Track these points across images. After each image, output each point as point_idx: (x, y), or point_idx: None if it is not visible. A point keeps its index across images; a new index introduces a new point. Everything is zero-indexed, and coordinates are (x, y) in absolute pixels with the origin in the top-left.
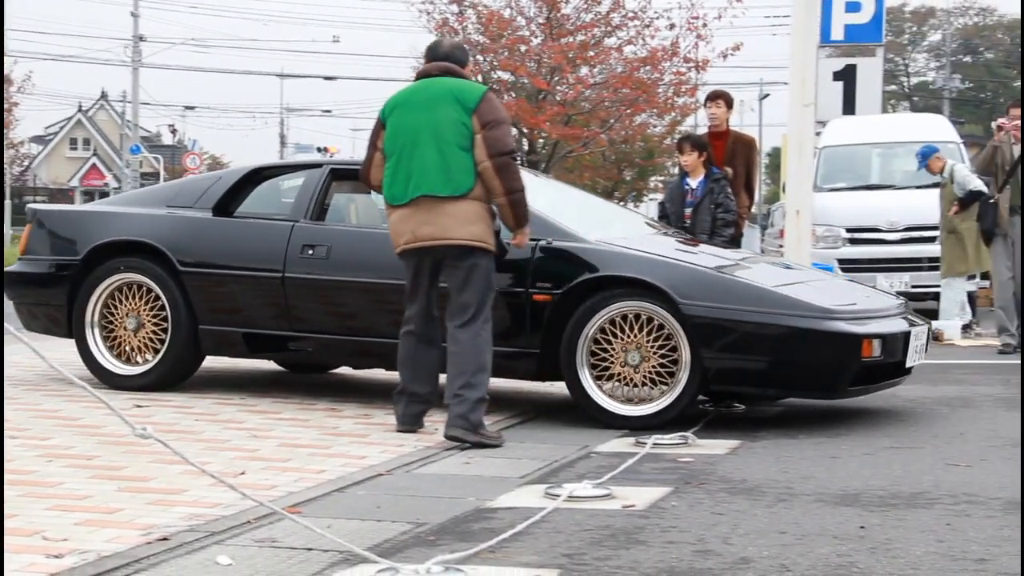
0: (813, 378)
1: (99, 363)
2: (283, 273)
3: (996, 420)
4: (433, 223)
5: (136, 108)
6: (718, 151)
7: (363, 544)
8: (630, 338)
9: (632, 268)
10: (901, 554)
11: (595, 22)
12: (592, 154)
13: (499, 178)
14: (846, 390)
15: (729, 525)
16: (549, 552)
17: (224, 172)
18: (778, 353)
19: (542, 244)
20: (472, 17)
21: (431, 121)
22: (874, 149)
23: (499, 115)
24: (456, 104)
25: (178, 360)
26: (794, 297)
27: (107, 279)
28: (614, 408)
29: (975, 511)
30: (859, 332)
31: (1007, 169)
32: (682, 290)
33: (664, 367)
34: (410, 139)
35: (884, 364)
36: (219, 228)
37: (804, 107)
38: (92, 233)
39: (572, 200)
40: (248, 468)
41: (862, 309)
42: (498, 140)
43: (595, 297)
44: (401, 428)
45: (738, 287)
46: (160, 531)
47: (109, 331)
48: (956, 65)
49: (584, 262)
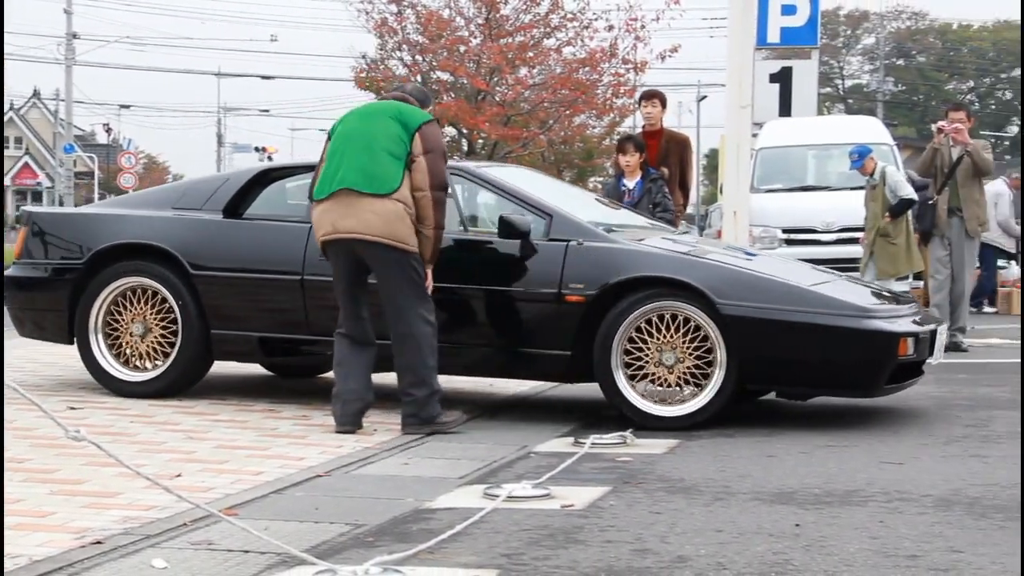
0: (851, 377)
1: (104, 370)
2: (302, 276)
3: (928, 418)
4: (354, 216)
5: (70, 106)
6: (652, 150)
7: (301, 546)
8: (665, 339)
9: (668, 268)
10: (835, 551)
11: (534, 23)
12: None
13: (435, 211)
14: (882, 388)
15: (667, 524)
16: (488, 552)
17: (231, 173)
18: (817, 352)
19: (572, 245)
20: (411, 17)
21: (367, 129)
22: (810, 151)
23: (441, 144)
24: (396, 121)
25: (188, 365)
26: (832, 296)
27: (112, 283)
28: (650, 409)
29: (907, 508)
30: (897, 331)
31: (946, 171)
32: (720, 290)
33: (699, 368)
34: (343, 144)
35: (910, 363)
36: (233, 231)
37: (741, 109)
38: (95, 236)
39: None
40: (184, 470)
41: (892, 308)
42: (440, 172)
43: (630, 298)
44: (340, 429)
45: (777, 287)
46: (94, 534)
47: (114, 337)
48: (889, 68)
49: (618, 263)
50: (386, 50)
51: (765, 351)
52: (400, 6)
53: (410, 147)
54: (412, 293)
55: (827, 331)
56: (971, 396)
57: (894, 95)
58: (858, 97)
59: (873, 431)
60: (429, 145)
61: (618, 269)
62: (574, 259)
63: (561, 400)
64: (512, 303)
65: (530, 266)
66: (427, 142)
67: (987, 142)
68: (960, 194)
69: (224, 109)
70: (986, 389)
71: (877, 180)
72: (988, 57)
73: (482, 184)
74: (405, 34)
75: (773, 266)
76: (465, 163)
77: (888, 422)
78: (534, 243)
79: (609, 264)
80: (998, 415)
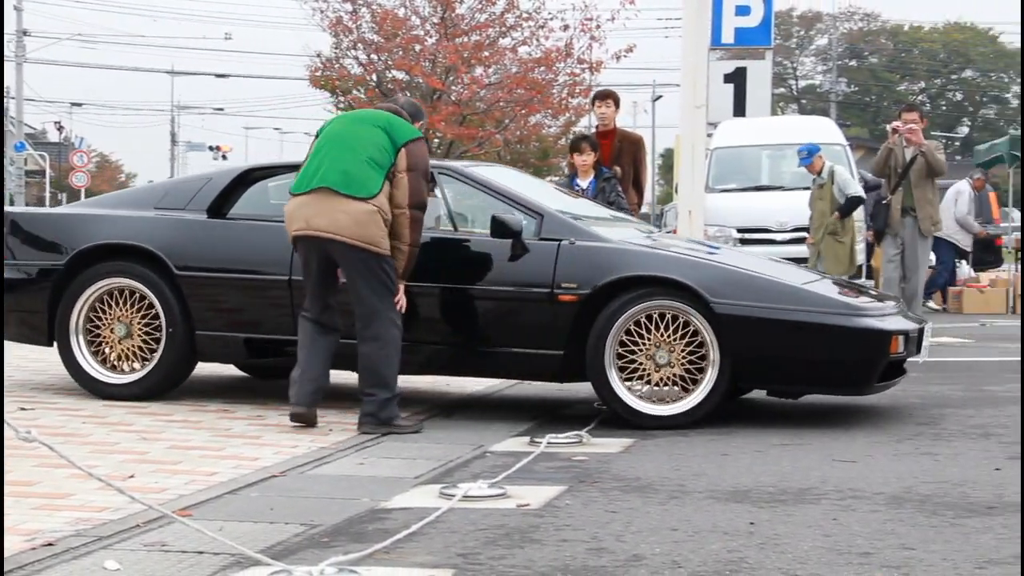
0: (844, 374)
1: (85, 372)
2: (290, 276)
3: (880, 417)
4: (328, 216)
5: (20, 104)
6: (605, 150)
7: (255, 546)
8: (658, 338)
9: (661, 267)
10: (789, 549)
11: (489, 22)
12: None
13: (412, 229)
14: (874, 386)
15: (622, 523)
16: (444, 552)
17: (214, 173)
18: (810, 351)
19: (565, 244)
20: (366, 16)
21: (354, 133)
22: (764, 151)
23: (425, 163)
24: (384, 132)
25: (172, 367)
26: (824, 294)
27: (93, 284)
28: (645, 408)
29: (860, 506)
30: (888, 328)
31: (900, 171)
32: (714, 289)
33: (692, 363)
34: (328, 143)
35: (897, 360)
36: (218, 231)
37: (696, 109)
38: (75, 236)
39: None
40: (137, 471)
41: (881, 306)
42: (420, 191)
43: (623, 297)
44: (294, 410)
45: (770, 285)
46: (45, 536)
47: (95, 339)
48: (842, 69)
49: (611, 262)
50: (341, 49)
51: (758, 350)
52: (355, 4)
53: (394, 160)
54: (381, 295)
55: (820, 329)
56: (922, 394)
57: (847, 96)
58: (811, 97)
59: (826, 429)
60: (413, 163)
61: (611, 268)
62: (566, 258)
63: (517, 399)
64: (504, 303)
65: (522, 266)
66: (412, 159)
67: (939, 143)
68: (914, 194)
69: (178, 107)
70: (937, 387)
71: (825, 179)
72: (939, 58)
73: (471, 184)
74: (360, 33)
75: (764, 265)
76: (453, 163)
77: (841, 420)
78: (526, 242)
79: (602, 263)
80: (949, 413)
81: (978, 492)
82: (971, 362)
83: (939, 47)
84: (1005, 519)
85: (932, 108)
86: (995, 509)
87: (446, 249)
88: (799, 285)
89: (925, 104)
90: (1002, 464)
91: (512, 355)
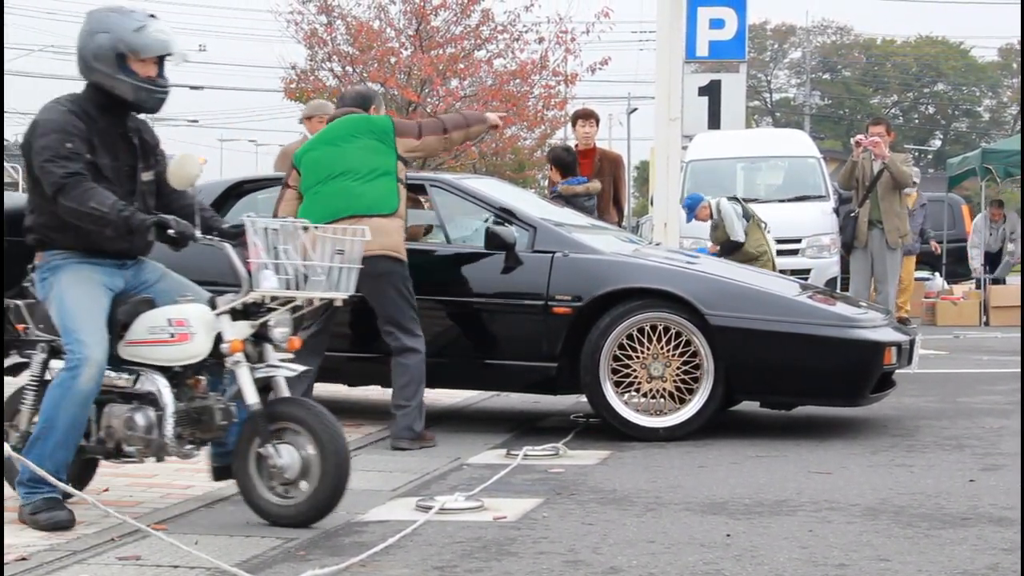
0: (839, 386)
1: None
2: None
3: (855, 428)
4: None
5: None
6: (585, 169)
7: (231, 560)
8: (656, 349)
9: (655, 279)
10: (765, 560)
11: (465, 35)
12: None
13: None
14: (868, 397)
15: (599, 535)
16: (420, 565)
17: (203, 185)
18: (805, 362)
19: (558, 256)
20: (341, 28)
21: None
22: (739, 163)
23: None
24: (370, 135)
25: None
26: (817, 306)
27: None
28: (639, 420)
29: (836, 517)
30: (882, 340)
31: (867, 184)
32: (708, 301)
33: (688, 374)
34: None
35: (889, 372)
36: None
37: (670, 121)
38: None
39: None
40: (112, 485)
41: (873, 317)
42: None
43: (618, 309)
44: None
45: (764, 297)
46: (19, 551)
47: None
48: (816, 82)
49: (604, 274)
50: (316, 61)
51: (753, 361)
52: (330, 17)
53: (396, 150)
54: (406, 306)
55: (815, 341)
56: (897, 406)
57: (820, 108)
58: (785, 111)
59: (802, 441)
60: (404, 128)
61: (605, 280)
62: (560, 270)
63: (494, 412)
64: (498, 315)
65: (516, 278)
66: (403, 128)
67: (907, 155)
68: (881, 207)
69: (152, 119)
70: (911, 399)
71: (718, 220)
72: (911, 72)
73: (463, 196)
74: (335, 45)
75: (757, 277)
76: (445, 175)
77: (816, 432)
78: (519, 255)
79: (595, 275)
80: (924, 425)
81: (953, 503)
82: (945, 374)
83: (911, 61)
84: (979, 530)
85: (905, 121)
86: (969, 520)
87: (439, 262)
88: (792, 297)
89: (897, 117)
90: (976, 476)
91: (506, 368)
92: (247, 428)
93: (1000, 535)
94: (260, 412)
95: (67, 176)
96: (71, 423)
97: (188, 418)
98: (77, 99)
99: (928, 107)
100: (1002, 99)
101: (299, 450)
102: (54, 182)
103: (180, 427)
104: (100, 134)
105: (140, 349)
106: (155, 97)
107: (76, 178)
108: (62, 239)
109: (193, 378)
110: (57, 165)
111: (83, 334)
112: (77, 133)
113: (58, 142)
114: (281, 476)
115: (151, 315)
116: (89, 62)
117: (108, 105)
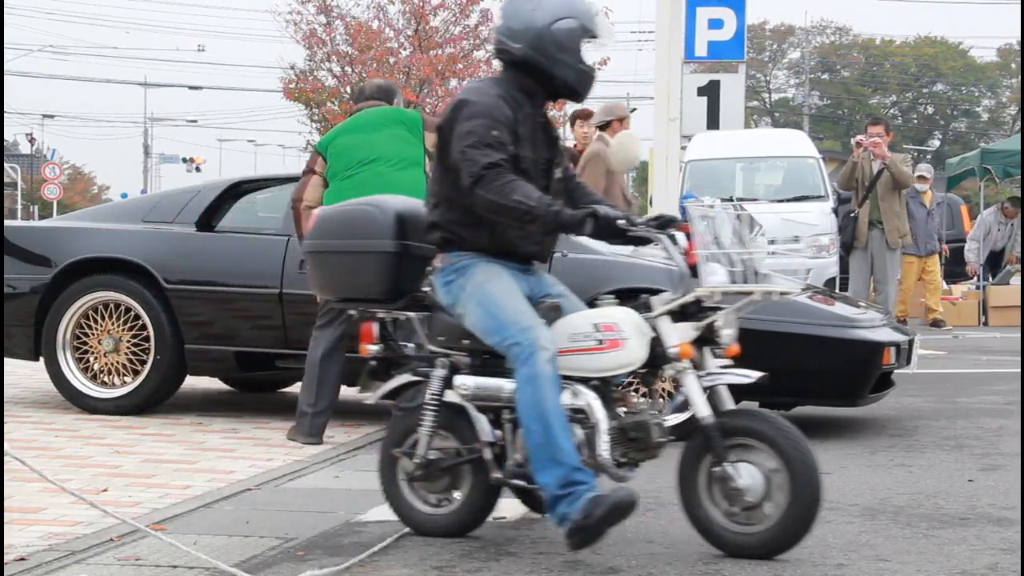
0: (838, 386)
1: (73, 386)
2: (280, 289)
3: (854, 428)
4: None
5: None
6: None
7: (230, 560)
8: None
9: (654, 279)
10: (764, 560)
11: (464, 35)
12: None
13: None
14: (867, 397)
15: None
16: (420, 565)
17: (202, 186)
18: (804, 362)
19: (557, 257)
20: (340, 28)
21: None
22: (738, 163)
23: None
24: (401, 125)
25: (161, 381)
26: (816, 306)
27: (81, 298)
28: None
29: (835, 517)
30: (881, 340)
31: (866, 184)
32: None
33: None
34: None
35: (887, 372)
36: (208, 244)
37: (670, 121)
38: (62, 250)
39: None
40: (111, 485)
41: (872, 317)
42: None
43: None
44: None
45: None
46: (18, 551)
47: (82, 353)
48: (814, 82)
49: (604, 274)
50: (315, 61)
51: (752, 361)
52: (329, 17)
53: (424, 144)
54: None
55: (815, 341)
56: (896, 406)
57: (819, 109)
58: (784, 111)
59: None
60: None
61: (604, 280)
62: (559, 272)
63: None
64: None
65: None
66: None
67: (907, 155)
68: (880, 207)
69: (151, 119)
70: (910, 399)
71: None
72: (910, 72)
73: None
74: (334, 45)
75: None
76: None
77: (815, 432)
78: None
79: (595, 276)
80: (922, 425)
81: (951, 503)
82: (944, 374)
83: (910, 61)
84: (978, 530)
85: (904, 121)
86: (968, 520)
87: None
88: (791, 297)
89: (896, 118)
90: (975, 476)
91: None
92: (695, 445)
93: (999, 535)
94: (715, 426)
95: (489, 166)
96: (556, 409)
97: (622, 436)
98: (501, 83)
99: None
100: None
101: (759, 468)
102: (474, 172)
103: (615, 446)
104: (523, 124)
105: (562, 359)
106: (591, 81)
107: (498, 169)
108: (474, 238)
109: (618, 390)
110: (481, 152)
111: (524, 320)
112: (504, 121)
113: (485, 128)
114: (742, 499)
115: (572, 321)
116: (546, 47)
117: (532, 92)
